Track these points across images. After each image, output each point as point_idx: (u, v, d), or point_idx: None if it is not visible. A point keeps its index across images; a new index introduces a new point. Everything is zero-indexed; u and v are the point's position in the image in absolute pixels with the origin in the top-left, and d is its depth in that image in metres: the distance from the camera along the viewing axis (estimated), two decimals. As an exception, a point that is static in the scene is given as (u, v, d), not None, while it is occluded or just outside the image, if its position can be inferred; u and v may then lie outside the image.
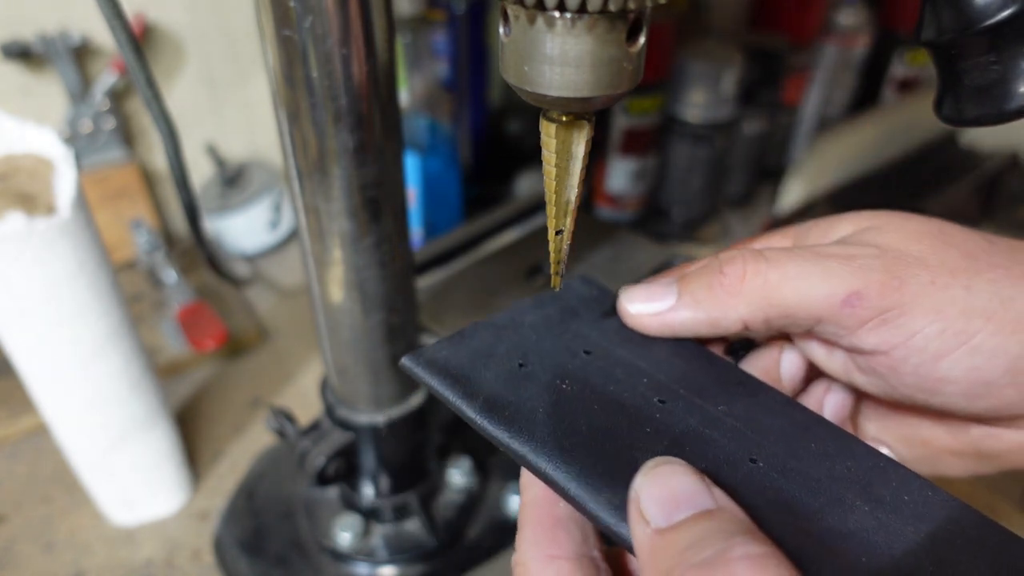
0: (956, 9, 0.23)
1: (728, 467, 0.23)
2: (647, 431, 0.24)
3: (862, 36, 0.87)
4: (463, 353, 0.27)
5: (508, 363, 0.26)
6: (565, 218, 0.26)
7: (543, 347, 0.28)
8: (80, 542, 0.50)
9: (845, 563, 0.20)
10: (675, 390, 0.26)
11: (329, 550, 0.47)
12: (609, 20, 0.21)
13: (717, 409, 0.26)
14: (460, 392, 0.25)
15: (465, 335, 0.28)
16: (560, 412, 0.25)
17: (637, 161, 0.79)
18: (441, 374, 0.26)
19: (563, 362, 0.27)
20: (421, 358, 0.26)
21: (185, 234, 0.80)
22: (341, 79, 0.30)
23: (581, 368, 0.27)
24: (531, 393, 0.25)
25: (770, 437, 0.25)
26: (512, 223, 0.63)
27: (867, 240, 0.26)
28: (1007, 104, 0.23)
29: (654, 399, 0.26)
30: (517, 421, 0.24)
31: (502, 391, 0.25)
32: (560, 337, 0.28)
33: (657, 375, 0.27)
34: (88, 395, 0.44)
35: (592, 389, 0.26)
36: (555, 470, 0.23)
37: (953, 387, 0.25)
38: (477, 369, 0.26)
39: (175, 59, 0.74)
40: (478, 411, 0.25)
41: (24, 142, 0.42)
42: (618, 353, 0.28)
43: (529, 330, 0.28)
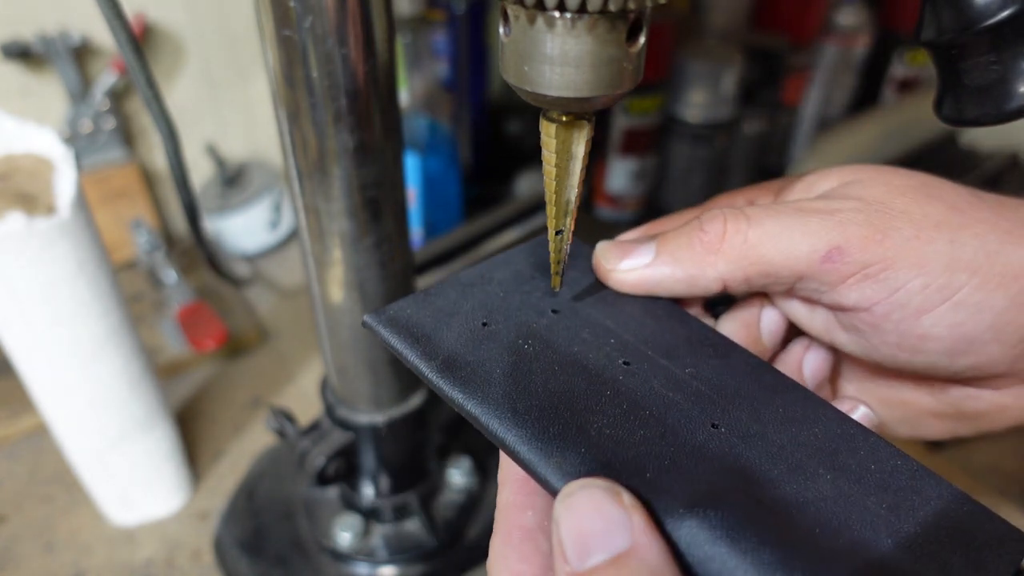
0: (956, 9, 0.23)
1: (687, 432, 0.22)
2: (607, 394, 0.23)
3: (862, 36, 0.87)
4: (426, 312, 0.26)
5: (471, 322, 0.26)
6: (565, 218, 0.26)
7: (510, 305, 0.27)
8: (80, 542, 0.50)
9: (795, 536, 0.19)
10: (642, 351, 0.26)
11: (329, 550, 0.47)
12: (609, 20, 0.21)
13: (684, 371, 0.25)
14: (419, 351, 0.25)
15: (431, 293, 0.27)
16: (517, 373, 0.24)
17: (637, 161, 0.79)
18: (402, 333, 0.25)
19: (528, 321, 0.26)
20: (382, 316, 0.26)
21: (185, 234, 0.80)
22: (341, 79, 0.30)
23: (547, 328, 0.26)
24: (491, 353, 0.25)
25: (736, 401, 0.24)
26: (512, 223, 0.63)
27: (850, 193, 0.26)
28: (1007, 104, 0.23)
29: (619, 360, 0.25)
30: (472, 381, 0.23)
31: (462, 350, 0.25)
32: (529, 295, 0.27)
33: (625, 335, 0.26)
34: (88, 395, 0.44)
35: (555, 349, 0.25)
36: (506, 432, 0.22)
37: (936, 344, 0.24)
38: (439, 328, 0.25)
39: (175, 59, 0.74)
40: (435, 371, 0.24)
41: (24, 142, 0.42)
42: (587, 312, 0.27)
43: (497, 287, 0.28)
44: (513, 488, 0.23)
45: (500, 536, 0.22)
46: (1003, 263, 0.23)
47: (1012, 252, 0.23)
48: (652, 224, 0.30)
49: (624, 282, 0.28)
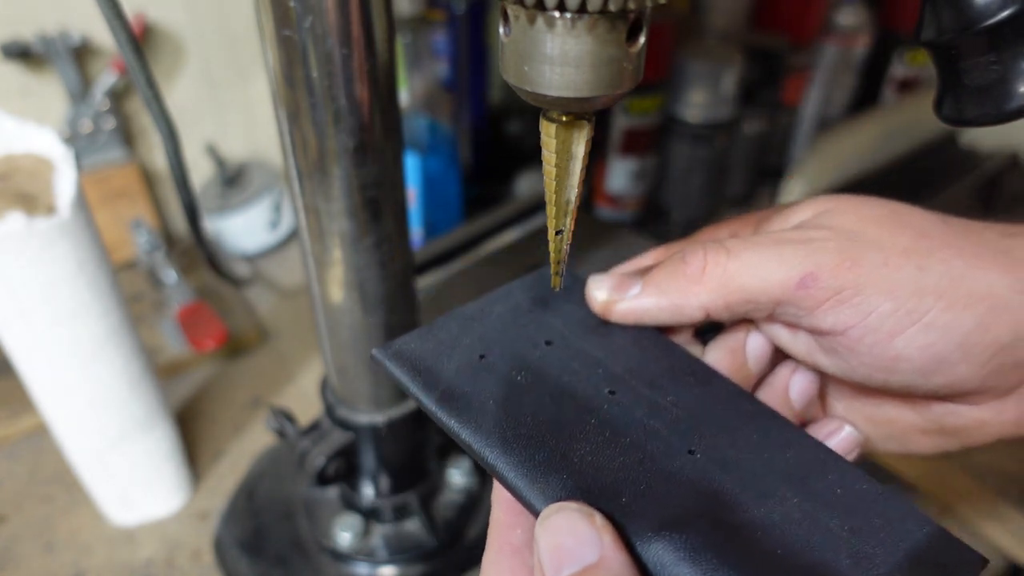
0: (956, 9, 0.23)
1: (664, 459, 0.24)
2: (592, 423, 0.25)
3: (862, 36, 0.87)
4: (429, 345, 0.28)
5: (470, 355, 0.28)
6: (565, 218, 0.26)
7: (506, 338, 0.29)
8: (80, 542, 0.50)
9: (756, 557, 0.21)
10: (627, 380, 0.27)
11: (329, 550, 0.47)
12: (609, 20, 0.21)
13: (666, 400, 0.26)
14: (421, 383, 0.27)
15: (434, 327, 0.29)
16: (509, 404, 0.26)
17: (637, 161, 0.79)
18: (406, 366, 0.27)
19: (523, 353, 0.28)
20: (389, 350, 0.28)
21: (185, 234, 0.80)
22: (341, 79, 0.30)
23: (539, 359, 0.28)
24: (486, 385, 0.27)
25: (714, 428, 0.25)
26: (512, 223, 0.63)
27: (823, 223, 0.27)
28: (1007, 104, 0.23)
29: (605, 390, 0.27)
30: (467, 412, 0.25)
31: (459, 382, 0.27)
32: (525, 328, 0.29)
33: (613, 366, 0.28)
34: (88, 395, 0.44)
35: (546, 380, 0.27)
36: (495, 459, 0.24)
37: (908, 364, 0.25)
38: (440, 361, 0.27)
39: (175, 59, 0.74)
40: (434, 401, 0.26)
41: (24, 142, 0.42)
42: (579, 343, 0.29)
43: (496, 320, 0.30)
44: (504, 508, 0.25)
45: (492, 551, 0.24)
46: (968, 286, 0.25)
47: (977, 276, 0.25)
48: (640, 258, 0.32)
49: (616, 312, 0.29)
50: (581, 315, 0.30)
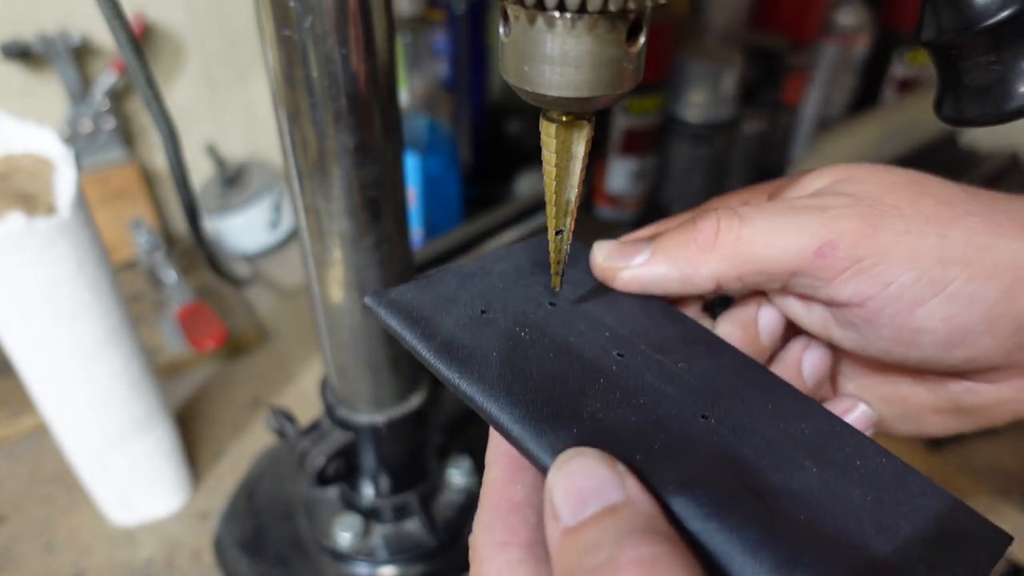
0: (956, 9, 0.23)
1: (677, 422, 0.23)
2: (600, 382, 0.24)
3: (862, 36, 0.87)
4: (426, 297, 0.27)
5: (470, 309, 0.26)
6: (565, 218, 0.26)
7: (508, 296, 0.27)
8: (80, 542, 0.50)
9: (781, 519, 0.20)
10: (636, 345, 0.26)
11: (329, 550, 0.47)
12: (609, 20, 0.21)
13: (676, 366, 0.25)
14: (417, 333, 0.25)
15: (431, 280, 0.27)
16: (514, 357, 0.24)
17: (637, 161, 0.79)
18: (401, 315, 0.26)
19: (526, 311, 0.27)
20: (383, 298, 0.26)
21: (185, 234, 0.80)
22: (341, 79, 0.30)
23: (543, 318, 0.26)
24: (488, 338, 0.25)
25: (726, 396, 0.24)
26: (512, 223, 0.63)
27: (841, 190, 0.26)
28: (1007, 104, 0.23)
29: (613, 352, 0.25)
30: (469, 363, 0.24)
31: (460, 334, 0.25)
32: (528, 288, 0.28)
33: (620, 330, 0.27)
34: (88, 395, 0.44)
35: (551, 339, 0.25)
36: (500, 411, 0.22)
37: (930, 337, 0.24)
38: (438, 313, 0.26)
39: (175, 59, 0.74)
40: (432, 351, 0.24)
41: (24, 142, 0.42)
42: (584, 307, 0.28)
43: (497, 279, 0.28)
44: (502, 465, 0.23)
45: (487, 510, 0.22)
46: (994, 256, 0.24)
47: (1003, 245, 0.24)
48: (651, 226, 0.31)
49: (620, 279, 0.28)
50: (587, 284, 0.29)
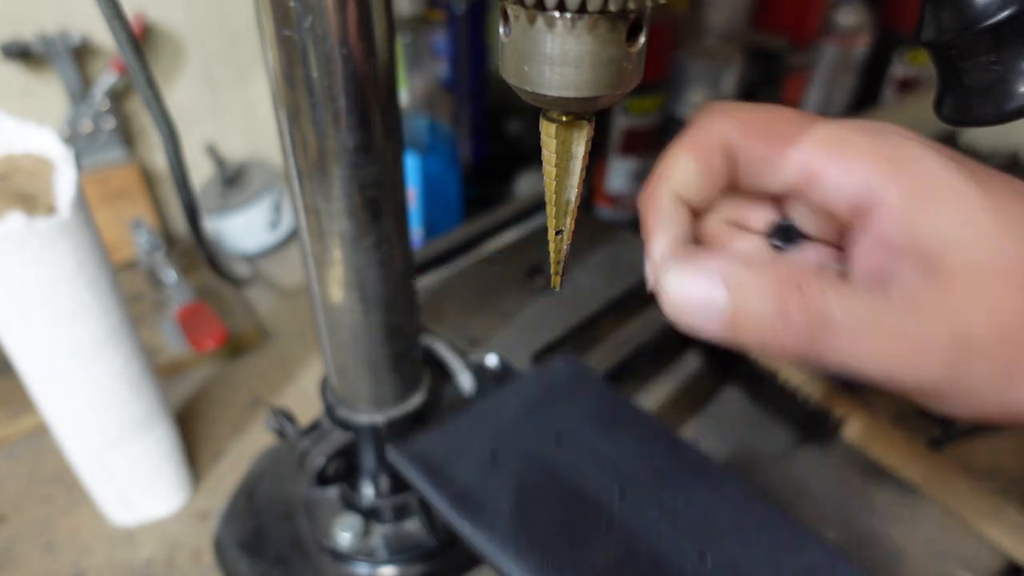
0: (956, 9, 0.23)
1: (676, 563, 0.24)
2: (604, 525, 0.26)
3: (862, 36, 0.87)
4: (443, 445, 0.29)
5: (482, 455, 0.28)
6: (565, 218, 0.26)
7: (518, 435, 0.29)
8: (80, 542, 0.50)
9: None
10: (639, 479, 0.27)
11: (329, 550, 0.47)
12: (609, 20, 0.21)
13: (677, 502, 0.27)
14: (433, 484, 0.27)
15: (448, 426, 0.30)
16: (521, 507, 0.26)
17: (637, 161, 0.79)
18: (420, 466, 0.28)
19: (534, 451, 0.28)
20: (405, 451, 0.29)
21: (185, 234, 0.80)
22: (341, 79, 0.30)
23: (551, 457, 0.28)
24: (498, 486, 0.27)
25: (725, 531, 0.26)
26: (512, 223, 0.63)
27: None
28: (1007, 104, 0.23)
29: (616, 490, 0.27)
30: (480, 515, 0.26)
31: (472, 484, 0.27)
32: (536, 424, 0.30)
33: (623, 463, 0.28)
34: (88, 395, 0.44)
35: (557, 481, 0.27)
36: (509, 568, 0.24)
37: None
38: (452, 461, 0.28)
39: (175, 59, 0.74)
40: (446, 504, 0.26)
41: (24, 142, 0.42)
42: (589, 439, 0.29)
43: (508, 416, 0.30)
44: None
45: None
46: None
47: None
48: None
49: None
50: (590, 409, 0.30)
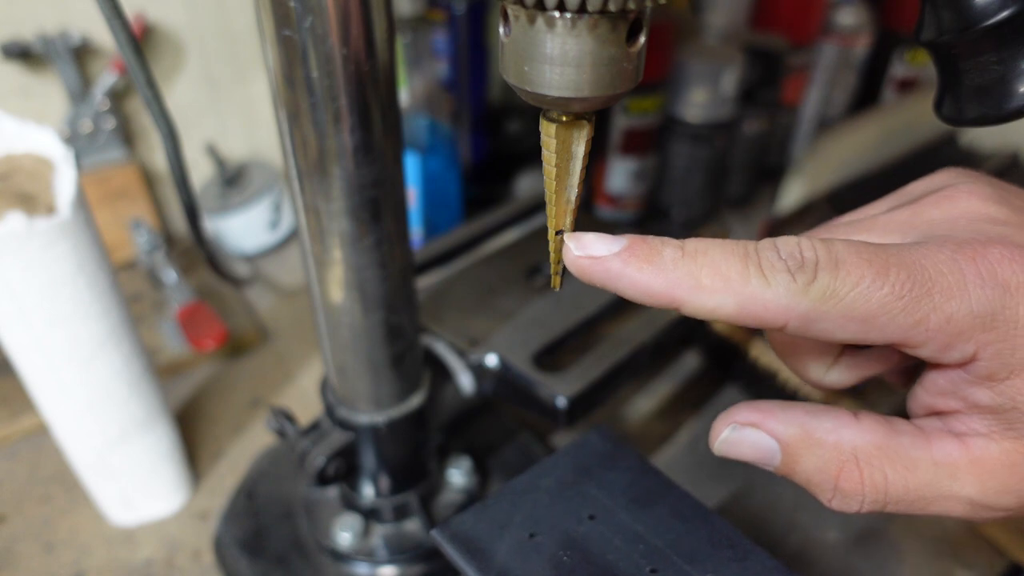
0: (956, 9, 0.23)
1: None
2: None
3: (862, 36, 0.87)
4: (483, 524, 0.31)
5: (521, 533, 0.30)
6: (565, 218, 0.26)
7: (553, 513, 0.31)
8: (80, 542, 0.50)
9: None
10: (668, 556, 0.29)
11: (329, 550, 0.47)
12: (609, 20, 0.21)
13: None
14: (476, 566, 0.29)
15: (487, 505, 0.32)
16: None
17: (637, 161, 0.79)
18: (462, 547, 0.30)
19: (569, 529, 0.30)
20: (447, 531, 0.31)
21: (185, 234, 0.80)
22: (341, 79, 0.30)
23: (584, 536, 0.30)
24: (536, 566, 0.29)
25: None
26: (512, 223, 0.63)
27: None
28: (1007, 104, 0.23)
29: (647, 568, 0.29)
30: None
31: (512, 564, 0.29)
32: (570, 501, 0.32)
33: (653, 540, 0.30)
34: (87, 395, 0.44)
35: (590, 560, 0.29)
36: None
37: None
38: (493, 541, 0.30)
39: (175, 59, 0.74)
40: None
41: (24, 142, 0.42)
42: (620, 517, 0.31)
43: (544, 494, 0.32)
44: None
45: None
46: None
47: None
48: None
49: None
50: (622, 484, 0.32)
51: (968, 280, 0.22)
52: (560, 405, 0.45)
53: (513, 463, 0.54)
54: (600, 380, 0.46)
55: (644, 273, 0.23)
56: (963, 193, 0.25)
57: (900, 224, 0.26)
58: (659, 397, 0.62)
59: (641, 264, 0.23)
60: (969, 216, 0.25)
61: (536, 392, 0.46)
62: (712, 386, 0.63)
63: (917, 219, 0.26)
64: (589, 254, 0.24)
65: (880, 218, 0.27)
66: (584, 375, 0.46)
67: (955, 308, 0.22)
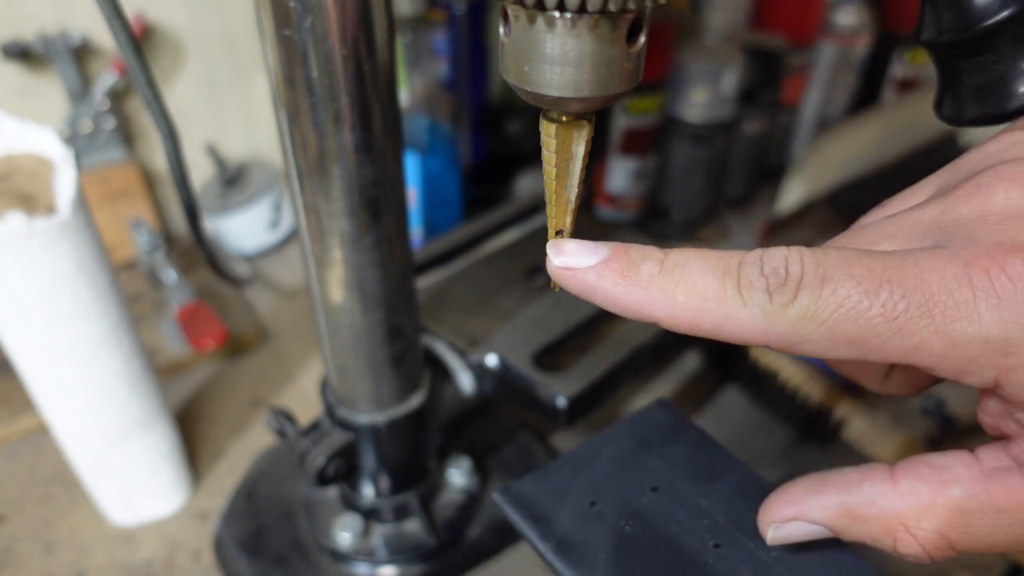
0: (956, 9, 0.23)
1: None
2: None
3: (862, 36, 0.87)
4: (544, 490, 0.30)
5: (582, 501, 0.30)
6: (565, 218, 0.26)
7: (615, 483, 0.31)
8: (80, 542, 0.50)
9: None
10: (731, 533, 0.29)
11: (329, 550, 0.47)
12: (609, 20, 0.21)
13: (769, 556, 0.28)
14: (538, 531, 0.29)
15: (548, 471, 0.31)
16: (619, 557, 0.28)
17: (637, 161, 0.79)
18: (524, 512, 0.30)
19: (631, 500, 0.30)
20: (509, 495, 0.30)
21: (185, 234, 0.80)
22: (341, 79, 0.30)
23: (646, 507, 0.30)
24: (597, 534, 0.28)
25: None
26: (512, 223, 0.63)
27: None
28: (1007, 104, 0.23)
29: (710, 542, 0.28)
30: (581, 563, 0.27)
31: (573, 531, 0.29)
32: (631, 472, 0.31)
33: (716, 515, 0.29)
34: (87, 395, 0.44)
35: (653, 530, 0.29)
36: None
37: None
38: (555, 507, 0.30)
39: (175, 59, 0.74)
40: (551, 551, 0.28)
41: (24, 142, 0.42)
42: (684, 489, 0.30)
43: (605, 463, 0.32)
44: None
45: None
46: None
47: None
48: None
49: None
50: (685, 457, 0.32)
51: (979, 298, 0.19)
52: (560, 405, 0.45)
53: (513, 463, 0.54)
54: (600, 380, 0.46)
55: (618, 288, 0.22)
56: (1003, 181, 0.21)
57: (927, 225, 0.23)
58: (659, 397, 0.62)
59: (616, 279, 0.22)
60: (1001, 212, 0.21)
61: (536, 392, 0.46)
62: (712, 386, 0.63)
63: (946, 217, 0.22)
64: (567, 264, 0.23)
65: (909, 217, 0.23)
66: (584, 375, 0.46)
67: (961, 331, 0.19)
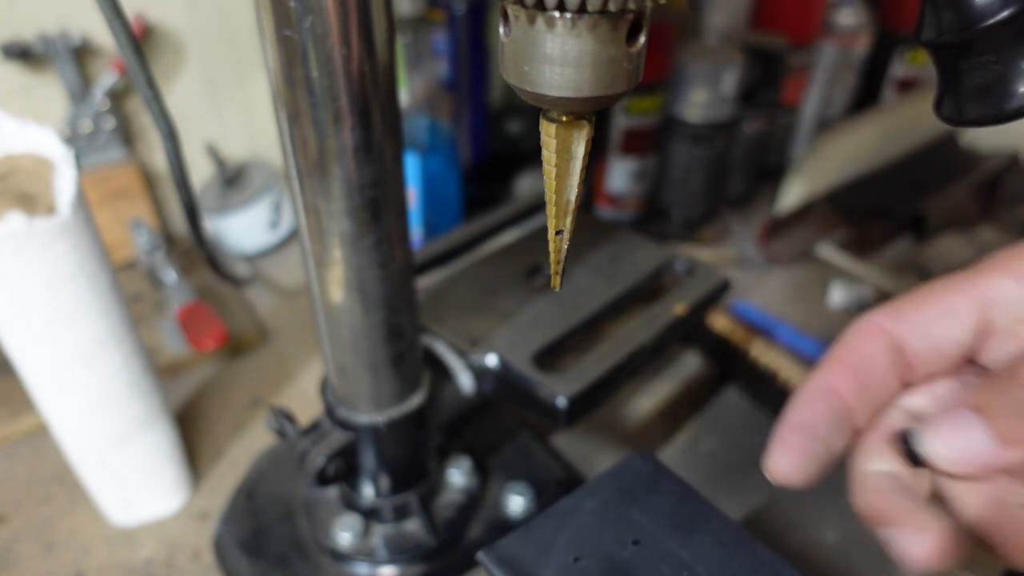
0: (956, 9, 0.23)
1: None
2: None
3: (862, 36, 0.87)
4: (528, 547, 0.31)
5: (565, 557, 0.30)
6: (565, 218, 0.26)
7: (597, 537, 0.31)
8: (80, 542, 0.50)
9: None
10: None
11: (329, 550, 0.47)
12: (609, 20, 0.21)
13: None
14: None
15: (532, 527, 0.32)
16: None
17: (637, 161, 0.79)
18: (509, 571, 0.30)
19: (613, 554, 0.30)
20: (493, 554, 0.31)
21: (185, 234, 0.80)
22: (341, 79, 0.30)
23: (629, 561, 0.30)
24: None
25: None
26: (512, 223, 0.63)
27: None
28: (1007, 104, 0.23)
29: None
30: None
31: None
32: (614, 525, 0.32)
33: (697, 567, 0.30)
34: (88, 395, 0.44)
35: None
36: None
37: None
38: (538, 564, 0.30)
39: (175, 59, 0.74)
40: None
41: (24, 142, 0.42)
42: (664, 542, 0.31)
43: (587, 517, 0.32)
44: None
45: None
46: None
47: None
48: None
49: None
50: (665, 508, 0.32)
51: None
52: (560, 405, 0.45)
53: (513, 463, 0.54)
54: (600, 380, 0.46)
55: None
56: None
57: None
58: (659, 397, 0.62)
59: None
60: None
61: (536, 392, 0.46)
62: (712, 386, 0.63)
63: None
64: (964, 459, 0.22)
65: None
66: (584, 375, 0.46)
67: None
